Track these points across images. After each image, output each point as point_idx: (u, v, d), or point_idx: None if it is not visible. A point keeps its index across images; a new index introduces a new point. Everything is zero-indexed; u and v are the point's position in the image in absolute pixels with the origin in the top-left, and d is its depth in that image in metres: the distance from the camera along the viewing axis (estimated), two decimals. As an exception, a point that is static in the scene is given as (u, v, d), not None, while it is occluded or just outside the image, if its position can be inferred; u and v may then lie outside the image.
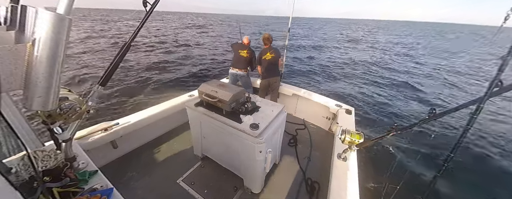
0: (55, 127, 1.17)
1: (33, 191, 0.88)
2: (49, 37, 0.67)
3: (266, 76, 3.32)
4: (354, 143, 1.80)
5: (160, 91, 6.36)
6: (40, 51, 0.67)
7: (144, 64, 9.08)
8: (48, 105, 0.77)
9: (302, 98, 3.37)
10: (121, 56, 1.34)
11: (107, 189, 1.19)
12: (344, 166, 1.84)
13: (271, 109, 1.91)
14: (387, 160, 3.67)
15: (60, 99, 1.01)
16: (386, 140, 1.67)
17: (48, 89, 0.74)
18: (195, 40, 17.25)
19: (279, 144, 2.24)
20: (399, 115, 5.62)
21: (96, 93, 1.33)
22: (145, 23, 1.38)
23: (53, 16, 0.66)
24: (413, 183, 3.13)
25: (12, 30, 0.72)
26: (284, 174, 2.29)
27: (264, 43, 3.26)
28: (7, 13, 0.76)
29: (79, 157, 1.42)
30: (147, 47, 12.93)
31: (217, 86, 1.81)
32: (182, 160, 2.39)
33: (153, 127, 2.56)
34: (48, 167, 1.13)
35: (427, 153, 3.80)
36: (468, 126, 0.94)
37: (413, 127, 1.38)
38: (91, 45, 12.80)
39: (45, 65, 0.70)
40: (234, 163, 2.04)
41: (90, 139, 1.94)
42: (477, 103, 0.91)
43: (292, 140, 2.84)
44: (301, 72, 9.22)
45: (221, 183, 2.12)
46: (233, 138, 1.74)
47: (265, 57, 3.24)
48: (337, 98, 3.34)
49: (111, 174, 1.34)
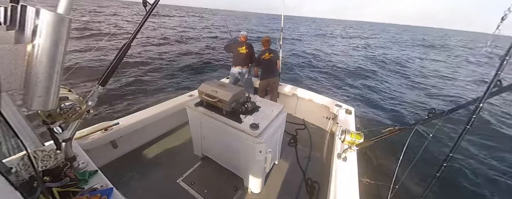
0: (55, 127, 1.17)
1: (33, 191, 0.88)
2: (49, 37, 0.67)
3: (265, 77, 3.38)
4: (354, 143, 1.80)
5: (160, 91, 6.36)
6: (40, 51, 0.68)
7: (144, 64, 9.07)
8: (48, 105, 0.77)
9: (302, 98, 3.37)
10: (121, 56, 1.35)
11: (107, 189, 1.19)
12: (344, 166, 1.84)
13: (271, 109, 1.91)
14: (387, 160, 3.68)
15: (60, 99, 1.01)
16: (386, 140, 1.67)
17: (48, 89, 0.74)
18: (194, 40, 17.25)
19: (279, 144, 2.24)
20: (399, 115, 5.62)
21: (96, 93, 1.33)
22: (145, 23, 1.39)
23: (53, 16, 0.66)
24: (413, 183, 3.15)
25: (12, 30, 0.72)
26: (284, 174, 2.29)
27: (264, 45, 3.36)
28: (7, 13, 0.76)
29: (79, 157, 1.42)
30: (147, 47, 12.92)
31: (217, 86, 1.81)
32: (182, 160, 2.39)
33: (153, 127, 2.56)
34: (48, 167, 1.13)
35: (427, 153, 3.80)
36: (467, 126, 0.94)
37: (413, 127, 1.38)
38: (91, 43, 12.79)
39: (45, 65, 0.70)
40: (234, 163, 2.04)
41: (90, 139, 1.94)
42: (476, 103, 0.92)
43: (292, 140, 2.84)
44: (301, 72, 9.22)
45: (221, 183, 2.12)
46: (233, 138, 1.74)
47: (264, 57, 3.31)
48: (337, 98, 3.34)
49: (111, 174, 1.34)
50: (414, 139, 1.37)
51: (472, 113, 0.92)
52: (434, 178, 1.11)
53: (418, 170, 3.38)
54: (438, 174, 1.09)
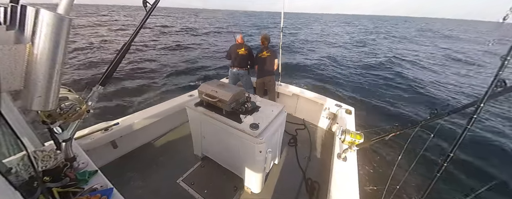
0: (55, 127, 1.17)
1: (33, 191, 0.88)
2: (49, 37, 0.67)
3: (261, 75, 3.38)
4: (354, 143, 1.80)
5: (160, 91, 6.36)
6: (40, 51, 0.67)
7: (144, 64, 9.08)
8: (48, 105, 0.77)
9: (302, 98, 3.37)
10: (121, 56, 1.34)
11: (107, 189, 1.19)
12: (344, 166, 1.84)
13: (271, 109, 1.91)
14: (387, 160, 3.67)
15: (60, 99, 1.01)
16: (386, 140, 1.66)
17: (48, 89, 0.74)
18: (194, 40, 17.25)
19: (279, 144, 2.24)
20: (400, 115, 5.61)
21: (96, 93, 1.33)
22: (144, 24, 1.38)
23: (53, 16, 0.66)
24: (413, 183, 3.15)
25: (12, 30, 0.72)
26: (284, 174, 2.29)
27: (262, 42, 3.32)
28: (7, 13, 0.76)
29: (79, 157, 1.42)
30: (146, 47, 12.92)
31: (217, 86, 1.81)
32: (182, 160, 2.38)
33: (153, 127, 2.56)
34: (48, 167, 1.13)
35: (427, 153, 3.80)
36: (468, 126, 0.94)
37: (414, 127, 1.38)
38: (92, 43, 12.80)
39: (45, 65, 0.70)
40: (234, 163, 2.04)
41: (90, 139, 1.94)
42: (477, 104, 0.91)
43: (292, 140, 2.84)
44: (301, 72, 9.21)
45: (221, 183, 2.12)
46: (233, 138, 1.74)
47: (261, 55, 3.30)
48: (337, 98, 3.34)
49: (111, 174, 1.34)
50: (415, 139, 1.36)
51: (472, 113, 0.92)
52: (435, 178, 1.11)
53: (419, 170, 3.39)
54: (438, 174, 1.09)
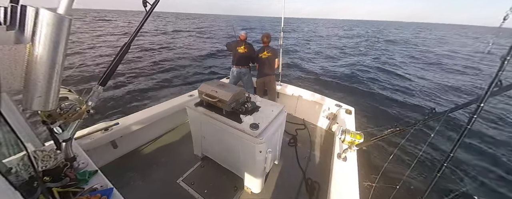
0: (55, 127, 1.17)
1: (33, 191, 0.88)
2: (49, 37, 0.67)
3: (261, 75, 3.37)
4: (354, 143, 1.80)
5: (160, 91, 6.36)
6: (40, 51, 0.67)
7: (144, 64, 9.08)
8: (48, 105, 0.77)
9: (302, 98, 3.37)
10: (121, 56, 1.34)
11: (107, 189, 1.19)
12: (344, 166, 1.85)
13: (271, 109, 1.91)
14: (387, 160, 3.67)
15: (60, 99, 1.01)
16: (386, 140, 1.67)
17: (48, 89, 0.74)
18: (193, 40, 17.27)
19: (279, 144, 2.24)
20: (399, 115, 5.62)
21: (96, 93, 1.33)
22: (144, 24, 1.39)
23: (53, 16, 0.66)
24: (413, 183, 3.15)
25: (12, 30, 0.72)
26: (284, 174, 2.29)
27: (263, 41, 3.30)
28: (7, 13, 0.76)
29: (79, 157, 1.42)
30: (146, 47, 12.93)
31: (217, 86, 1.81)
32: (182, 160, 2.39)
33: (153, 127, 2.56)
34: (48, 167, 1.13)
35: (427, 153, 3.80)
36: (467, 125, 0.94)
37: (413, 127, 1.38)
38: (92, 44, 12.80)
39: (45, 65, 0.69)
40: (234, 163, 2.04)
41: (90, 139, 1.94)
42: (476, 103, 0.91)
43: (292, 140, 2.84)
44: (301, 72, 9.22)
45: (221, 183, 2.12)
46: (233, 138, 1.74)
47: (262, 55, 3.29)
48: (337, 98, 3.34)
49: (111, 174, 1.34)
50: (415, 139, 1.36)
51: (472, 113, 0.92)
52: (435, 178, 1.11)
53: (419, 170, 3.39)
54: (438, 174, 1.09)
